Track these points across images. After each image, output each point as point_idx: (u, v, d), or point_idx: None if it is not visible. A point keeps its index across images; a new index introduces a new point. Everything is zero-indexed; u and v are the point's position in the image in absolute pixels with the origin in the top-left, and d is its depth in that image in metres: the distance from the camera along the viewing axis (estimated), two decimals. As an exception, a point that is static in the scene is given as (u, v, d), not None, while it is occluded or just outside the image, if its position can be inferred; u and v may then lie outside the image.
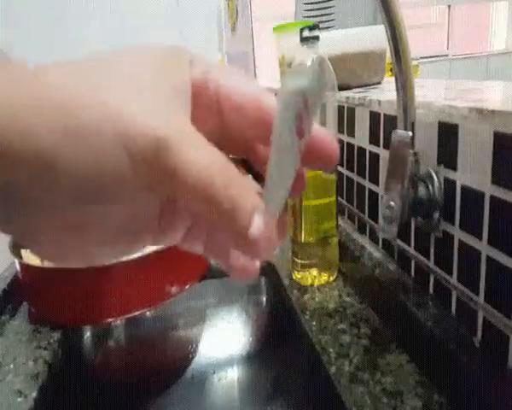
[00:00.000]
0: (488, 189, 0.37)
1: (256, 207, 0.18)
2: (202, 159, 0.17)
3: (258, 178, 0.20)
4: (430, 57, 3.20)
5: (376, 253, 0.58)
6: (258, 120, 0.20)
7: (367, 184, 0.61)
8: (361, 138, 0.61)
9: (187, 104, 0.19)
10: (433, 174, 0.44)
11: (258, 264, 0.22)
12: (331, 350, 0.48)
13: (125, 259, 0.59)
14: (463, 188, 0.41)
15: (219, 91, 0.20)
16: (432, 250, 0.47)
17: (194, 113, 0.19)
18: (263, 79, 1.31)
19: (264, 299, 0.75)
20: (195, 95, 0.20)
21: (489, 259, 0.38)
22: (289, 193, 0.20)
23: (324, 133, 0.20)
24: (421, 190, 0.45)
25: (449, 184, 0.43)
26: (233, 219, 0.17)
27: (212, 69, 0.20)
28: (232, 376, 0.69)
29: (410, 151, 0.43)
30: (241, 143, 0.20)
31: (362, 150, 0.61)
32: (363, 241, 0.62)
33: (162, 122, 0.17)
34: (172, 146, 0.16)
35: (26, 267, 0.57)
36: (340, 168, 0.68)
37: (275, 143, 0.19)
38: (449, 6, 3.42)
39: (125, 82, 0.17)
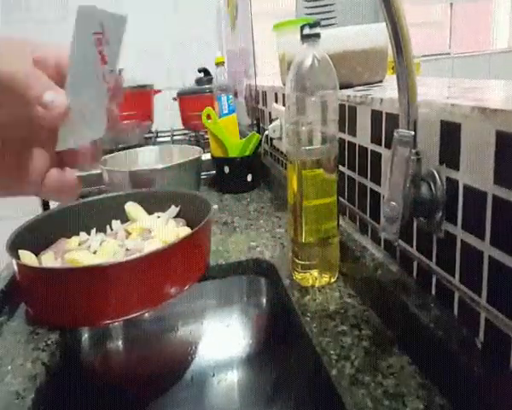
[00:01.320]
0: (490, 188, 0.37)
1: (49, 87, 0.26)
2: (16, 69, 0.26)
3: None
4: (432, 55, 3.19)
5: (378, 253, 0.58)
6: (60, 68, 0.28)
7: (368, 183, 0.60)
8: (362, 137, 0.61)
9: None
10: (435, 174, 0.44)
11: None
12: (332, 352, 0.48)
13: (124, 259, 0.59)
14: (466, 187, 0.40)
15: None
16: (434, 251, 0.46)
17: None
18: (263, 77, 1.30)
19: (265, 300, 0.74)
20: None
21: (491, 259, 0.37)
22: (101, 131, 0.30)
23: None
24: (423, 190, 0.44)
25: (451, 184, 0.42)
26: (27, 95, 0.26)
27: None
28: (232, 378, 0.69)
29: (412, 150, 0.42)
30: None
31: (363, 149, 0.61)
32: (365, 241, 0.62)
33: None
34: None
35: (23, 268, 0.57)
36: (341, 168, 0.68)
37: (73, 58, 0.26)
38: (451, 4, 3.41)
39: None
